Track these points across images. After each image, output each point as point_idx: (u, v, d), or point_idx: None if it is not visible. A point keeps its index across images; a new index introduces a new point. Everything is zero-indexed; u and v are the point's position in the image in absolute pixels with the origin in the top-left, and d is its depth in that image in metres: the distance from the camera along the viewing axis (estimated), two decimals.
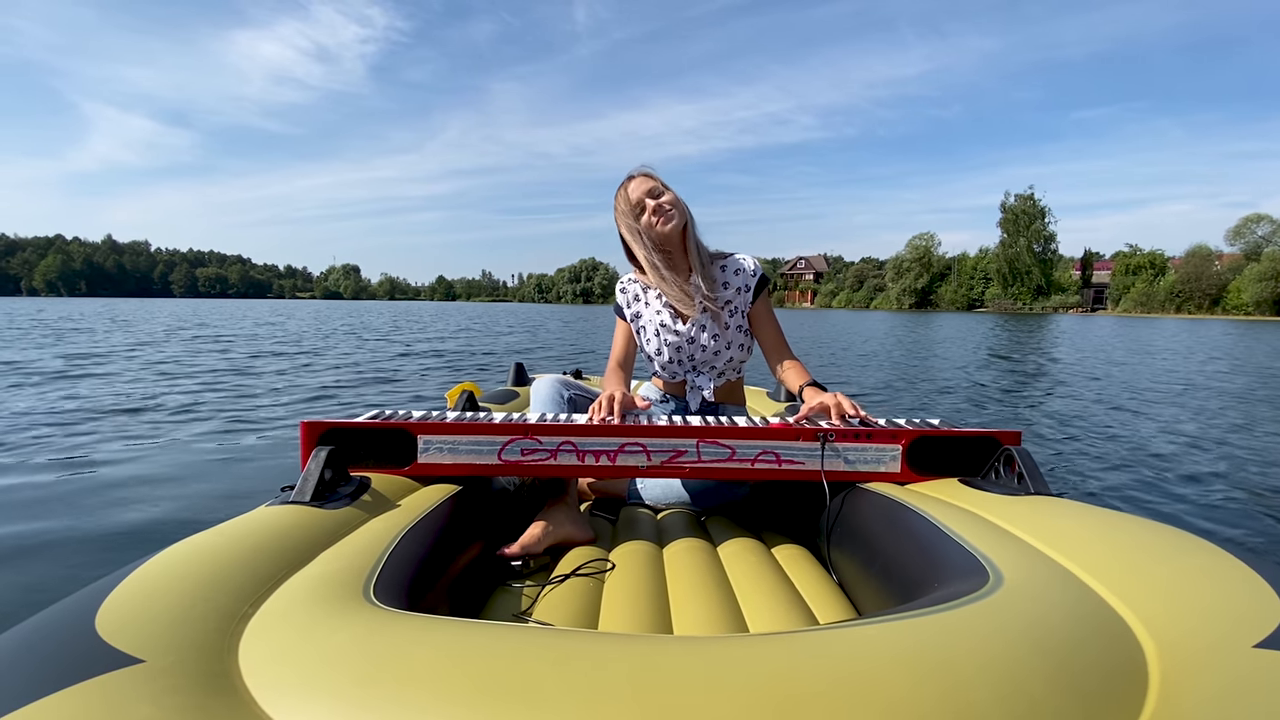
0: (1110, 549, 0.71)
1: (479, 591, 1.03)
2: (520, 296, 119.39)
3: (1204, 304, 40.72)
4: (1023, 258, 48.11)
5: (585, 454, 1.13)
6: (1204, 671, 0.49)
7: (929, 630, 0.54)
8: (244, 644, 0.53)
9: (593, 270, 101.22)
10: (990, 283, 50.58)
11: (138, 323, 16.16)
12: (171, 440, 3.33)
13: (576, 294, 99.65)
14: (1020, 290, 48.30)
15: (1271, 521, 2.32)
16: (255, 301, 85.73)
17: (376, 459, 1.12)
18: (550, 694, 0.44)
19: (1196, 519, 2.36)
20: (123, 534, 2.03)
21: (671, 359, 1.52)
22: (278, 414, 4.15)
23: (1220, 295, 40.24)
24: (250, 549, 0.70)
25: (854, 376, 7.12)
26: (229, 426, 3.71)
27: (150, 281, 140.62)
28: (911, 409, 5.04)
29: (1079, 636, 0.54)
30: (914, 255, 56.22)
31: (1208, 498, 2.60)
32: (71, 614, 0.54)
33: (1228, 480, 2.85)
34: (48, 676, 0.44)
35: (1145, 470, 3.02)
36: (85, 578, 1.66)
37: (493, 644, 0.51)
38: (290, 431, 3.61)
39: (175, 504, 2.33)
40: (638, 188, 1.41)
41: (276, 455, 3.10)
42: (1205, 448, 3.52)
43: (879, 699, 0.44)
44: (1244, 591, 0.58)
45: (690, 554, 1.13)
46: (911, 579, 0.84)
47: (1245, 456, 3.31)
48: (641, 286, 1.55)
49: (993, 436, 1.11)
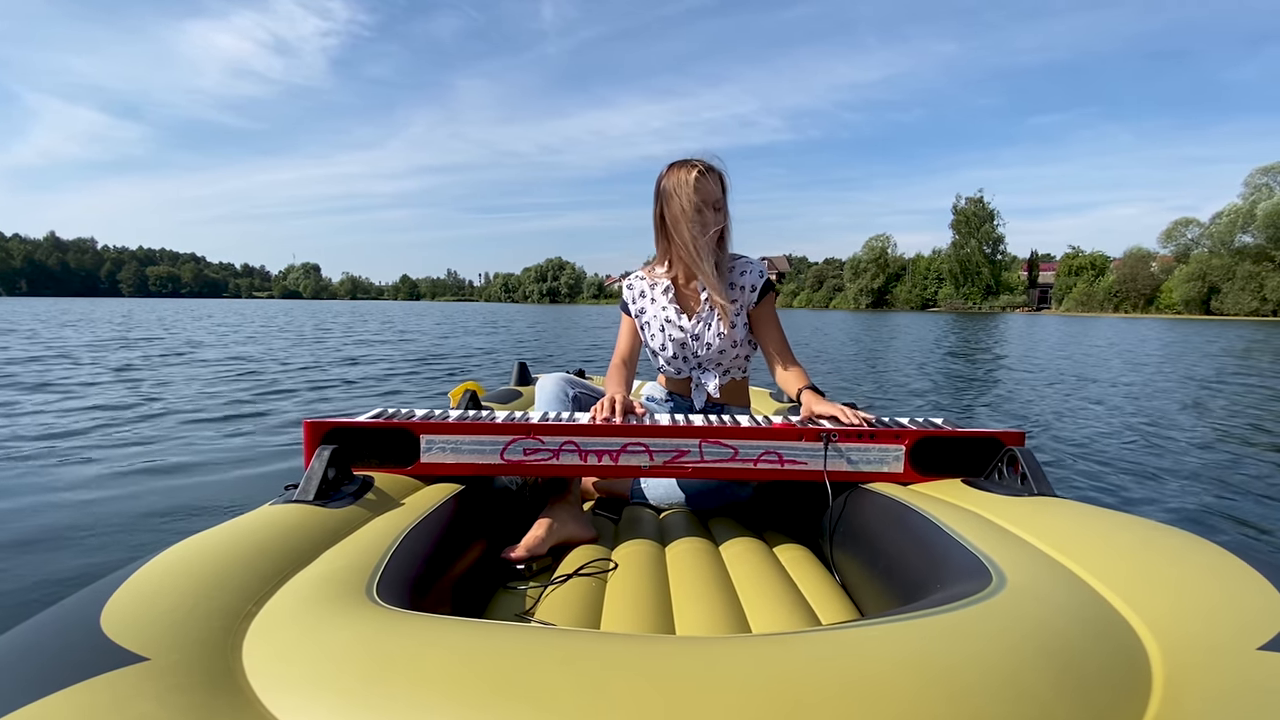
0: (1114, 550, 0.71)
1: (481, 591, 1.03)
2: (486, 296, 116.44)
3: (1139, 304, 42.78)
4: (973, 259, 50.26)
5: (588, 454, 1.13)
6: (1208, 674, 0.49)
7: (932, 631, 0.54)
8: (248, 642, 0.54)
9: (559, 270, 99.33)
10: (943, 283, 52.51)
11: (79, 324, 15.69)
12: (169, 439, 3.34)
13: (543, 293, 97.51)
14: (971, 290, 50.43)
15: (1273, 521, 2.31)
16: (208, 301, 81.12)
17: (379, 458, 1.12)
18: (553, 694, 0.44)
19: (1199, 520, 2.35)
20: (125, 534, 2.04)
21: (676, 354, 1.53)
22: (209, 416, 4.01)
23: (1154, 295, 42.32)
24: (254, 548, 0.71)
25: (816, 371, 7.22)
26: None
27: (97, 280, 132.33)
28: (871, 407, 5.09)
29: (1082, 638, 0.54)
30: (870, 256, 57.79)
31: (1209, 497, 2.59)
32: (77, 612, 0.54)
33: (1232, 482, 2.84)
34: (53, 674, 0.44)
35: (1150, 471, 3.01)
36: (90, 576, 1.67)
37: (496, 644, 0.51)
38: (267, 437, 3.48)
39: (178, 504, 2.34)
40: (707, 189, 1.38)
41: (276, 458, 3.10)
42: (1212, 449, 3.51)
43: (882, 700, 0.44)
44: (1249, 594, 0.58)
45: (693, 554, 1.13)
46: (914, 580, 0.84)
47: (1252, 459, 3.30)
48: (648, 283, 1.55)
49: (996, 437, 1.11)
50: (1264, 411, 4.77)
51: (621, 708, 0.43)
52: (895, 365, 8.55)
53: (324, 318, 23.35)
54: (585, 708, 0.43)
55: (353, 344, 10.77)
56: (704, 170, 1.38)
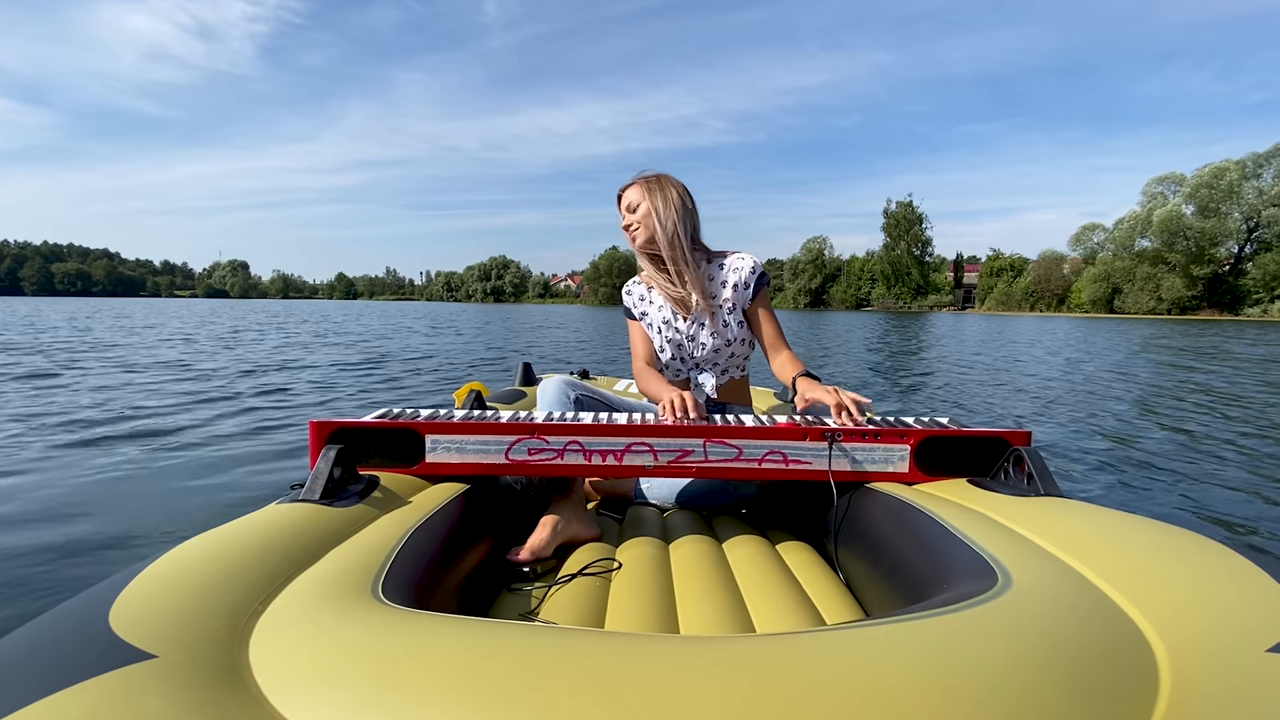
0: (1121, 551, 0.70)
1: (486, 590, 1.03)
2: (428, 295, 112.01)
3: (1053, 303, 45.67)
4: (903, 260, 52.69)
5: (592, 453, 1.13)
6: (1216, 676, 0.49)
7: (937, 631, 0.54)
8: (254, 640, 0.54)
9: (504, 268, 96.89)
10: (876, 283, 54.95)
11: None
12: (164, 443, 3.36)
13: (487, 292, 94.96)
14: (902, 290, 52.84)
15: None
16: (124, 300, 75.05)
17: (385, 458, 1.12)
18: (558, 693, 0.45)
19: (1205, 521, 2.33)
20: (128, 533, 2.06)
21: (674, 356, 1.55)
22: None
23: (1066, 295, 45.19)
24: (261, 547, 0.71)
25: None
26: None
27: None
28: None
29: (1089, 639, 0.54)
30: (808, 257, 59.71)
31: (1211, 498, 2.57)
32: (86, 609, 0.55)
33: (1236, 480, 2.82)
34: (63, 671, 0.45)
35: (1149, 468, 3.00)
36: (98, 575, 1.69)
37: (500, 643, 0.51)
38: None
39: (183, 503, 2.36)
40: (627, 197, 1.50)
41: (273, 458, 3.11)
42: (1215, 451, 3.49)
43: (887, 701, 0.44)
44: (1258, 595, 0.58)
45: (697, 554, 1.13)
46: (919, 580, 0.83)
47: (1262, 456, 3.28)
48: (645, 287, 1.60)
49: (1002, 437, 1.11)
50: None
51: (626, 707, 0.43)
52: (838, 363, 8.91)
53: (260, 318, 22.32)
54: (590, 707, 0.43)
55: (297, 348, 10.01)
56: (626, 186, 1.51)
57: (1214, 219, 35.93)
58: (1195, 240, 36.31)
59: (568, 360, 8.54)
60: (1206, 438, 3.74)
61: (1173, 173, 40.01)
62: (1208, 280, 37.07)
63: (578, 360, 8.30)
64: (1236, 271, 37.06)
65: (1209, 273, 36.87)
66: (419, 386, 5.97)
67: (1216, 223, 35.88)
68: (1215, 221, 35.87)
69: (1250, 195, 35.86)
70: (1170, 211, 36.93)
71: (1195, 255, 36.57)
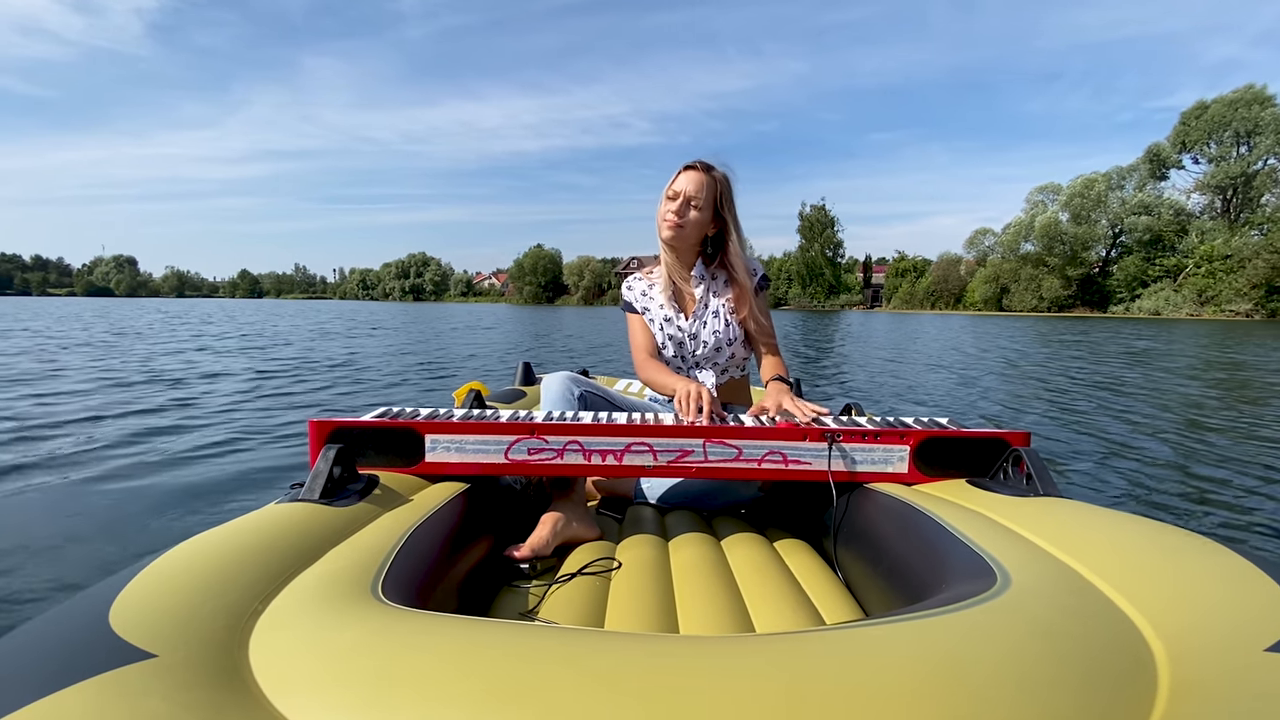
0: (1119, 551, 0.70)
1: (486, 589, 1.03)
2: (342, 294, 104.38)
3: (950, 302, 49.53)
4: (817, 261, 54.81)
5: (592, 453, 1.13)
6: (1215, 675, 0.49)
7: (936, 631, 0.54)
8: (254, 640, 0.54)
9: (423, 265, 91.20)
10: (792, 283, 56.90)
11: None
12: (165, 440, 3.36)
13: (405, 290, 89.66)
14: (816, 290, 55.07)
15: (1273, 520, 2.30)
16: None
17: (384, 457, 1.12)
18: (558, 693, 0.45)
19: (1206, 522, 2.33)
20: (131, 532, 2.05)
21: (675, 354, 1.56)
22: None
23: (962, 294, 48.99)
24: (260, 546, 0.71)
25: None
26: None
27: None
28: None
29: (1087, 639, 0.54)
30: None
31: (1212, 498, 2.58)
32: (86, 609, 0.55)
33: (1235, 480, 2.83)
34: (63, 670, 0.45)
35: (1149, 467, 3.00)
36: (98, 574, 1.68)
37: (500, 642, 0.51)
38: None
39: (184, 503, 2.36)
40: (684, 183, 1.44)
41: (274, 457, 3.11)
42: (1210, 450, 3.49)
43: (886, 700, 0.44)
44: (1256, 595, 0.58)
45: (697, 553, 1.13)
46: (919, 579, 0.83)
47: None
48: (646, 284, 1.60)
49: (1001, 437, 1.11)
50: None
51: (626, 707, 0.43)
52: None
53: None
54: (590, 707, 0.43)
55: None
56: (693, 165, 1.44)
57: (1085, 225, 40.62)
58: (1070, 245, 40.78)
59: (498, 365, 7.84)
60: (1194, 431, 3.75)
61: (1051, 183, 44.42)
62: (1080, 281, 41.59)
63: (510, 362, 7.91)
64: (1104, 273, 41.77)
65: (1082, 274, 41.43)
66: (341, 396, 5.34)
67: (1087, 229, 40.45)
68: (1086, 228, 40.51)
69: (1115, 204, 40.44)
70: (1049, 218, 41.56)
71: (1070, 258, 41.14)
